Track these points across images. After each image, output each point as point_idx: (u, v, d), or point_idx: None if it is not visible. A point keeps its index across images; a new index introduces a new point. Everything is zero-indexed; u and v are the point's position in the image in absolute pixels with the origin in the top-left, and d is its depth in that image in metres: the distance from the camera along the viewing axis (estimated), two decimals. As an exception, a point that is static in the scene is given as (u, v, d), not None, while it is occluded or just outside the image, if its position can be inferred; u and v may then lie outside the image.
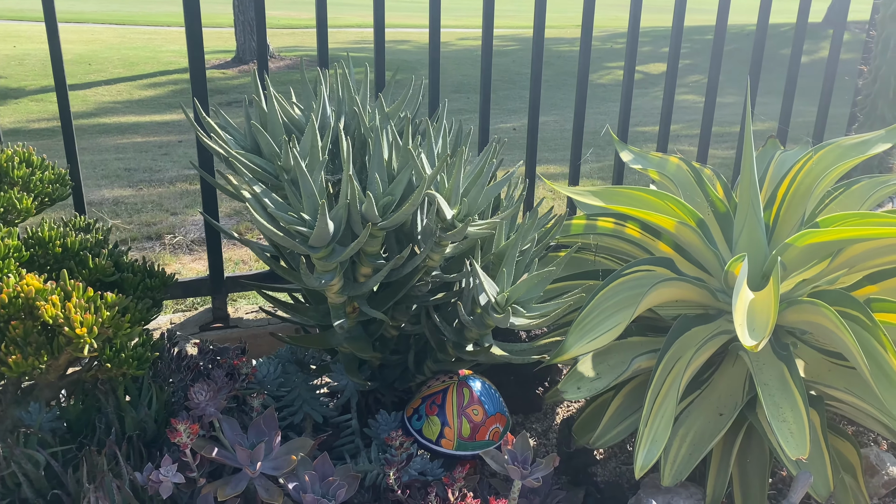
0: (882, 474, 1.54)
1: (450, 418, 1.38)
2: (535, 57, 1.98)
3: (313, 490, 1.17)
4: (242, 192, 1.20)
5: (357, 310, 1.36)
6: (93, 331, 1.03)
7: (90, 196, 3.61)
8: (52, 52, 1.63)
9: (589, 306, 1.38)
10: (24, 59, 9.64)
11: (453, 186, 1.29)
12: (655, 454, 1.26)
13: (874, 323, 1.22)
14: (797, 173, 1.52)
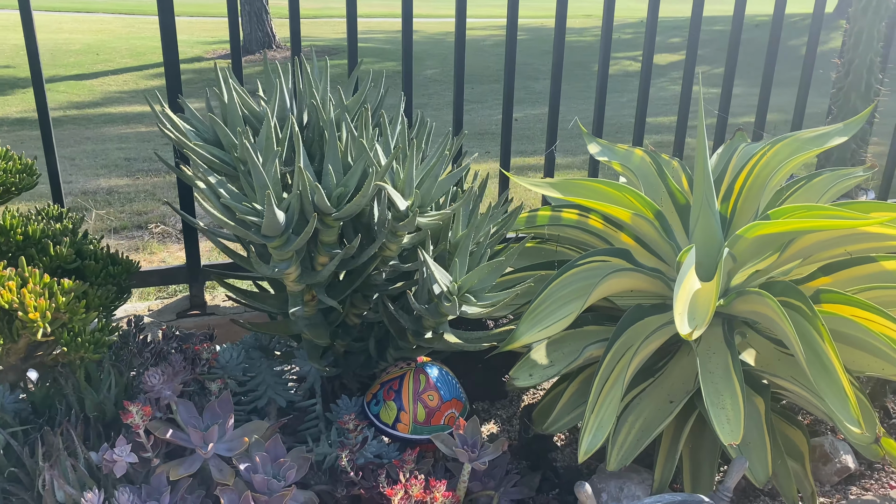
0: (835, 462, 1.57)
1: (406, 403, 1.42)
2: (509, 52, 2.00)
3: (264, 471, 1.21)
4: (197, 183, 1.23)
5: (315, 298, 1.40)
6: (46, 315, 1.08)
7: (87, 185, 3.67)
8: (27, 45, 1.67)
9: (542, 296, 1.41)
10: (33, 49, 9.73)
11: (406, 178, 1.32)
12: (600, 440, 1.29)
13: (814, 313, 1.24)
14: (754, 166, 1.55)
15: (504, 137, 2.09)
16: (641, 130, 2.23)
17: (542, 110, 7.72)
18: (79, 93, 7.74)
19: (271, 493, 1.19)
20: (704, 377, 1.28)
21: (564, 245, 1.72)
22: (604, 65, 2.10)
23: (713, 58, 9.90)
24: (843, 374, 1.17)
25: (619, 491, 1.44)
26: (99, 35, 10.94)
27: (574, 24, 13.62)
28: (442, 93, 8.73)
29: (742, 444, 1.33)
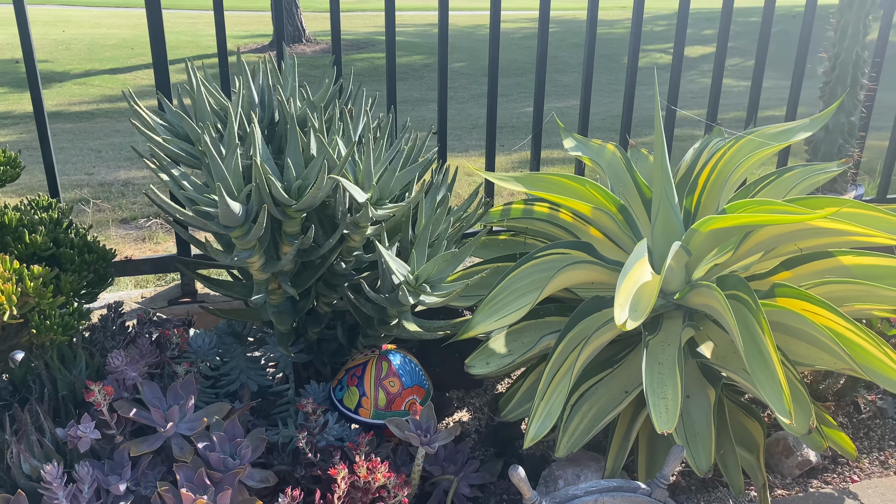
0: (797, 455, 1.58)
1: (367, 389, 1.48)
2: (492, 44, 2.03)
3: (221, 449, 1.28)
4: (161, 176, 1.30)
5: (280, 286, 1.46)
6: (12, 299, 1.15)
7: (107, 177, 3.80)
8: (22, 44, 1.75)
9: (499, 286, 1.45)
10: (72, 44, 10.02)
11: (365, 171, 1.37)
12: (548, 426, 1.33)
13: (758, 306, 1.26)
14: (717, 162, 1.56)
15: (489, 132, 2.13)
16: (628, 124, 2.25)
17: (567, 103, 7.70)
18: (112, 86, 7.95)
19: (226, 470, 1.26)
20: (651, 367, 1.30)
21: (537, 238, 1.75)
22: (632, 64, 2.12)
23: (746, 49, 9.76)
24: (779, 365, 1.18)
25: (576, 478, 1.48)
26: (134, 30, 11.19)
27: (606, 17, 13.51)
28: (468, 86, 8.76)
29: (689, 434, 1.35)
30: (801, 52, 2.23)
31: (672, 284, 1.48)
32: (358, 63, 9.57)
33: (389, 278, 1.40)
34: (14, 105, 7.01)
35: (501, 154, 4.60)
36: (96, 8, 13.79)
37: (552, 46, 11.26)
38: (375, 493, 1.24)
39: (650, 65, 10.16)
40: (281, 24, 1.94)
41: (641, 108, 2.12)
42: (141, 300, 1.99)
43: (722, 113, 4.79)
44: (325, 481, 1.36)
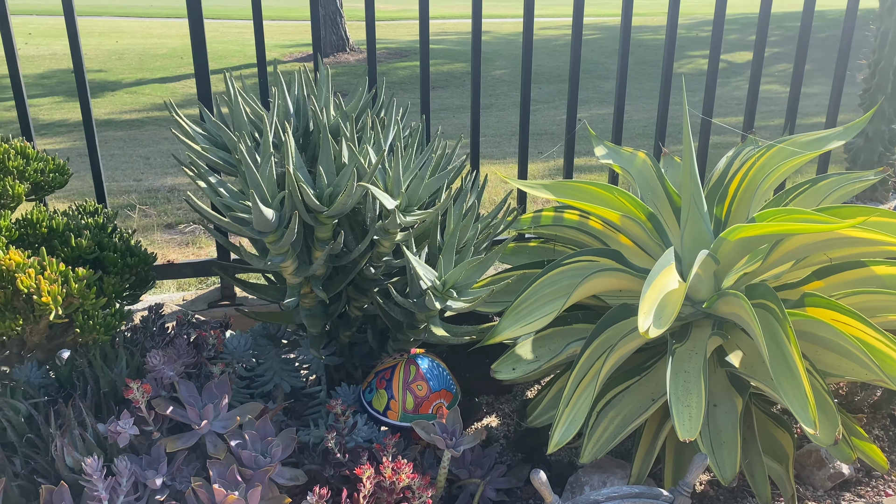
0: (829, 467, 1.56)
1: (396, 392, 1.51)
2: (525, 52, 2.05)
3: (252, 448, 1.32)
4: (199, 184, 1.35)
5: (312, 290, 1.50)
6: (58, 300, 1.21)
7: (154, 183, 3.91)
8: (73, 55, 1.82)
9: (526, 292, 1.47)
10: (124, 54, 10.33)
11: (394, 179, 1.40)
12: (572, 433, 1.34)
13: (784, 316, 1.25)
14: (748, 170, 1.55)
15: (522, 140, 2.14)
16: (663, 132, 2.24)
17: (608, 110, 7.66)
18: (162, 95, 8.18)
19: (257, 467, 1.30)
20: (676, 375, 1.31)
21: (567, 245, 1.77)
22: (667, 73, 2.12)
23: (793, 55, 9.55)
24: (804, 375, 1.18)
25: (602, 485, 1.49)
26: (184, 40, 11.47)
27: (650, 22, 13.40)
28: (509, 93, 8.78)
29: (715, 442, 1.35)
30: (842, 59, 2.20)
31: (700, 293, 1.48)
32: (400, 71, 9.67)
33: (417, 284, 1.43)
34: (69, 113, 7.27)
35: (538, 161, 4.61)
36: (148, 19, 14.20)
37: (595, 53, 11.21)
38: (400, 494, 1.27)
39: (695, 71, 10.03)
40: (318, 34, 1.99)
41: (681, 115, 2.11)
42: (182, 302, 2.05)
43: (766, 119, 4.72)
44: (354, 481, 1.39)
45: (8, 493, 1.22)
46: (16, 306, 1.24)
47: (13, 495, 1.24)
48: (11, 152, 1.33)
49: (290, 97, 1.53)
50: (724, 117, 6.57)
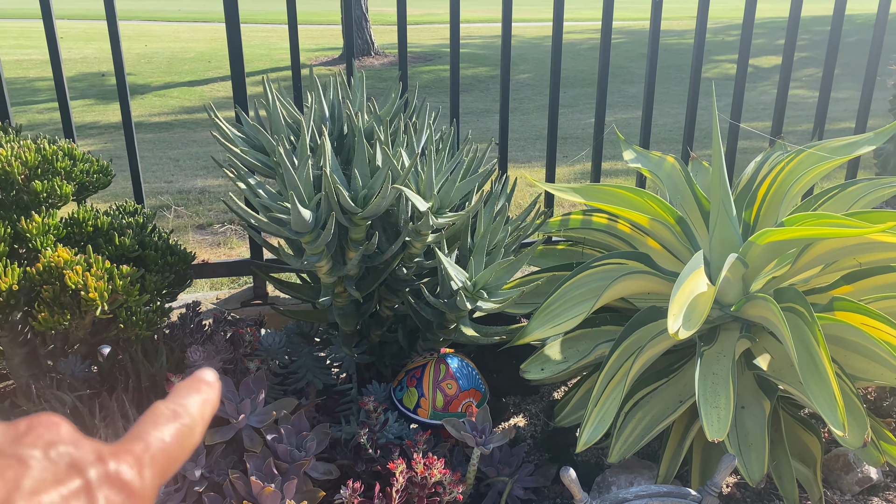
0: (857, 472, 1.56)
1: (426, 390, 1.54)
2: (554, 56, 2.07)
3: (288, 442, 1.36)
4: (238, 184, 1.39)
5: (346, 290, 1.53)
6: (104, 296, 1.26)
7: (185, 185, 3.99)
8: (115, 61, 1.88)
9: (555, 294, 1.49)
10: (153, 58, 10.50)
11: (427, 182, 1.43)
12: (601, 433, 1.36)
13: (813, 319, 1.27)
14: (777, 175, 1.56)
15: (550, 144, 2.17)
16: (691, 136, 2.25)
17: (633, 114, 7.65)
18: (190, 98, 8.30)
19: (292, 461, 1.33)
20: (704, 377, 1.32)
21: (595, 248, 1.79)
22: (695, 77, 2.14)
23: (821, 60, 9.45)
24: (833, 378, 1.19)
25: (629, 485, 1.50)
26: (212, 44, 11.64)
27: (676, 26, 13.34)
28: (533, 97, 8.79)
29: (742, 444, 1.36)
30: (872, 64, 2.20)
31: (728, 296, 1.49)
32: (424, 75, 9.73)
33: (448, 284, 1.46)
34: (99, 116, 7.41)
35: (564, 165, 4.62)
36: (176, 23, 14.40)
37: (620, 57, 11.22)
38: (431, 489, 1.30)
39: (721, 75, 9.99)
40: (351, 39, 2.03)
41: (710, 119, 2.12)
42: (216, 301, 2.10)
43: (795, 125, 4.70)
44: (385, 476, 1.42)
45: (54, 481, 1.26)
46: (63, 302, 1.28)
47: (59, 484, 1.29)
48: (60, 153, 1.38)
49: (326, 101, 1.56)
50: (752, 122, 6.54)
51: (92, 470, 0.27)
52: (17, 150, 1.33)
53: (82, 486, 0.26)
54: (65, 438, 0.28)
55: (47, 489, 0.26)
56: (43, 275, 1.28)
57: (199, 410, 0.33)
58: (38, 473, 0.26)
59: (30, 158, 1.35)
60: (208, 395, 0.34)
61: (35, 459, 0.26)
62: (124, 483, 0.27)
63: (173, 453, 0.31)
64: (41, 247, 1.32)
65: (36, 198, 1.36)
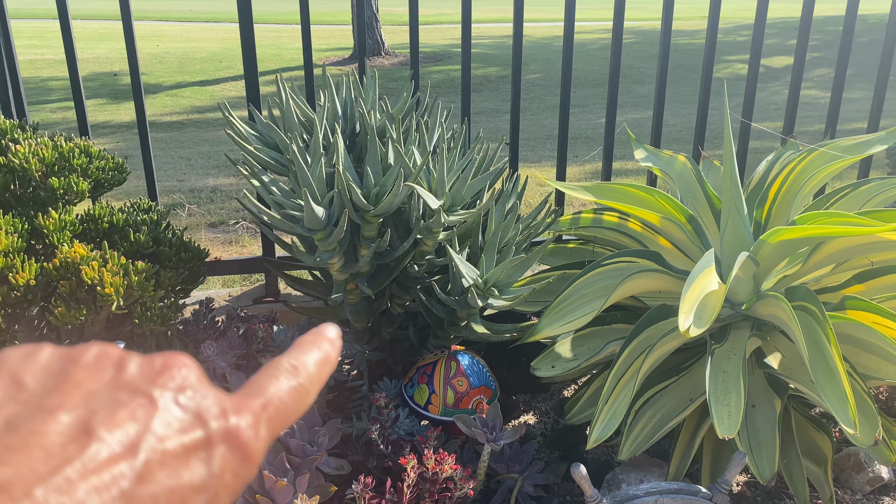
0: (868, 471, 1.56)
1: (437, 387, 1.55)
2: (566, 55, 2.08)
3: (300, 437, 1.37)
4: (252, 182, 1.41)
5: (358, 287, 1.54)
6: (119, 291, 1.27)
7: (197, 183, 4.01)
8: (129, 61, 1.90)
9: (566, 292, 1.50)
10: (165, 57, 10.55)
11: (438, 180, 1.44)
12: (611, 430, 1.36)
13: (824, 317, 1.27)
14: (789, 174, 1.57)
15: (561, 142, 2.17)
16: (702, 135, 2.25)
17: (644, 114, 7.64)
18: (201, 98, 8.34)
19: (305, 456, 1.35)
20: (715, 375, 1.32)
21: (605, 247, 1.79)
22: (706, 76, 2.14)
23: (835, 59, 9.41)
24: (844, 376, 1.19)
25: (639, 482, 1.51)
26: (223, 43, 11.69)
27: (686, 26, 13.30)
28: (543, 97, 8.79)
29: (753, 442, 1.37)
30: (885, 64, 2.20)
31: (739, 295, 1.49)
32: (434, 75, 9.74)
33: (459, 281, 1.47)
34: (112, 115, 7.45)
35: (574, 165, 4.62)
36: (188, 23, 14.48)
37: (630, 57, 11.21)
38: (442, 485, 1.30)
39: (732, 75, 9.95)
40: (363, 38, 2.04)
41: (721, 119, 2.12)
42: (228, 298, 2.12)
43: (806, 125, 4.68)
44: (396, 472, 1.43)
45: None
46: (79, 297, 1.30)
47: (74, 477, 1.30)
48: (76, 150, 1.40)
49: (339, 99, 1.58)
50: (763, 122, 6.51)
51: (214, 423, 0.27)
52: (34, 147, 1.35)
53: (203, 438, 0.26)
54: (194, 384, 0.27)
55: (172, 436, 0.25)
56: (59, 270, 1.29)
57: (317, 370, 0.32)
58: (167, 417, 0.26)
59: (47, 155, 1.36)
60: (329, 353, 0.33)
61: (165, 402, 0.26)
62: (241, 443, 0.27)
63: (288, 413, 0.30)
64: (58, 242, 1.34)
65: (53, 194, 1.37)
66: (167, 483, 0.24)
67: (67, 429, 0.24)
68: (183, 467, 0.25)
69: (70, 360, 0.27)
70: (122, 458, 0.24)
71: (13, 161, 1.36)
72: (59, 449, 0.23)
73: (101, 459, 0.23)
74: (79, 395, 0.25)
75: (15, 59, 1.85)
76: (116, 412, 0.25)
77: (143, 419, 0.25)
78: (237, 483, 0.27)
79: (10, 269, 1.27)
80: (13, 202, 1.43)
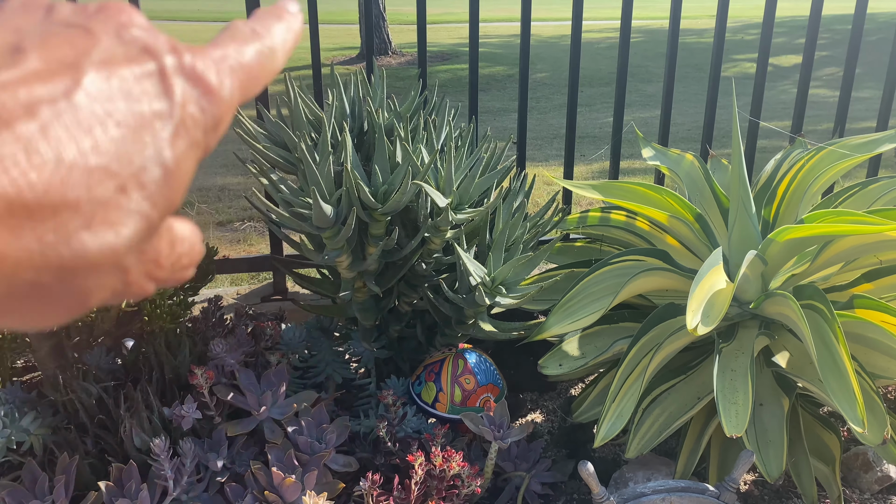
0: (876, 471, 1.56)
1: (444, 385, 1.55)
2: (573, 54, 2.08)
3: (308, 434, 1.38)
4: (261, 180, 1.41)
5: (366, 285, 1.55)
6: (129, 288, 1.28)
7: (205, 182, 4.03)
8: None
9: (573, 290, 1.50)
10: (173, 57, 10.57)
11: (446, 178, 1.45)
12: (618, 428, 1.36)
13: (833, 316, 1.26)
14: (797, 172, 1.56)
15: (568, 140, 2.17)
16: (710, 134, 2.25)
17: (651, 113, 7.62)
18: (209, 97, 8.36)
19: (313, 453, 1.35)
20: (723, 373, 1.32)
21: (613, 245, 1.79)
22: (714, 75, 2.14)
23: (841, 59, 9.35)
24: (853, 374, 1.19)
25: (646, 480, 1.51)
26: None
27: (694, 25, 13.27)
28: (550, 96, 8.77)
29: (761, 441, 1.36)
30: (894, 63, 2.19)
31: (747, 293, 1.49)
32: (441, 74, 9.73)
33: (467, 280, 1.47)
34: (121, 114, 7.48)
35: (581, 163, 4.62)
36: (196, 22, 14.53)
37: (638, 56, 11.17)
38: (450, 482, 1.31)
39: (740, 74, 9.91)
40: (371, 37, 2.05)
41: (728, 118, 2.12)
42: (237, 296, 2.13)
43: (815, 124, 4.67)
44: (403, 470, 1.44)
45: (80, 470, 1.29)
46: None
47: (85, 472, 1.31)
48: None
49: (347, 98, 1.58)
50: (771, 121, 6.47)
51: (167, 57, 0.24)
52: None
53: (157, 69, 0.23)
54: (139, 23, 0.25)
55: (119, 64, 0.22)
56: (70, 268, 1.30)
57: (281, 35, 0.29)
58: (110, 47, 0.23)
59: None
60: (292, 23, 0.30)
61: (106, 35, 0.23)
62: (200, 77, 0.24)
63: (253, 70, 0.27)
64: (68, 240, 1.35)
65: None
66: (122, 104, 0.22)
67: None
68: (138, 91, 0.22)
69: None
70: (64, 73, 0.21)
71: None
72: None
73: (39, 70, 0.21)
74: (5, 30, 0.22)
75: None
76: (49, 39, 0.22)
77: (82, 46, 0.22)
78: (206, 118, 0.24)
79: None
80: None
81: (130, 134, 0.22)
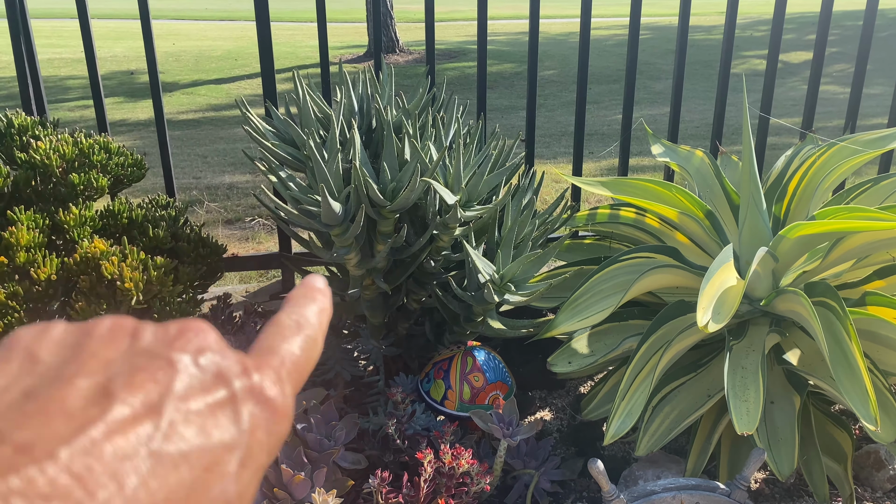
0: (889, 469, 1.55)
1: (453, 382, 1.55)
2: (582, 51, 2.07)
3: (317, 431, 1.38)
4: (269, 177, 1.41)
5: (374, 282, 1.55)
6: (139, 286, 1.28)
7: (213, 180, 4.03)
8: (148, 60, 1.91)
9: (583, 288, 1.49)
10: (181, 56, 10.61)
11: (455, 175, 1.44)
12: (628, 426, 1.36)
13: (845, 313, 1.25)
14: (808, 169, 1.55)
15: (577, 137, 2.16)
16: (719, 131, 2.24)
17: (660, 110, 7.60)
18: (217, 96, 8.38)
19: (322, 450, 1.35)
20: (733, 371, 1.32)
21: (622, 242, 1.78)
22: (724, 72, 2.13)
23: (854, 55, 9.28)
24: (865, 372, 1.18)
25: (656, 478, 1.50)
26: (239, 42, 11.73)
27: (703, 22, 13.21)
28: (558, 93, 8.76)
29: (772, 439, 1.36)
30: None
31: (758, 290, 1.48)
32: (449, 72, 9.72)
33: (476, 277, 1.47)
34: (128, 113, 7.50)
35: (590, 161, 4.61)
36: (203, 21, 14.56)
37: (646, 53, 11.14)
38: (459, 479, 1.31)
39: (749, 71, 9.86)
40: (379, 36, 2.04)
41: (737, 115, 2.11)
42: (245, 294, 2.13)
43: (825, 120, 4.65)
44: (412, 467, 1.44)
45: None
46: (99, 292, 1.31)
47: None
48: (96, 147, 1.41)
49: (355, 95, 1.58)
50: (781, 118, 6.45)
51: (237, 381, 0.26)
52: (55, 144, 1.36)
53: (228, 397, 0.25)
54: (212, 346, 0.27)
55: (195, 396, 0.25)
56: (80, 265, 1.31)
57: (318, 320, 0.31)
58: (188, 379, 0.25)
59: (67, 152, 1.38)
60: (323, 303, 0.32)
61: (184, 364, 0.25)
62: (267, 399, 0.26)
63: (303, 366, 0.29)
64: (78, 238, 1.35)
65: (73, 190, 1.39)
66: (196, 441, 0.24)
67: (86, 393, 0.23)
68: (211, 425, 0.24)
69: (84, 333, 0.26)
70: (147, 418, 0.23)
71: (34, 157, 1.38)
72: (80, 412, 0.23)
73: (125, 419, 0.23)
74: (95, 364, 0.25)
75: (35, 58, 1.87)
76: (135, 376, 0.24)
77: (164, 381, 0.25)
78: (271, 440, 0.26)
79: (32, 264, 1.29)
80: (34, 198, 1.44)
81: (201, 474, 0.24)
